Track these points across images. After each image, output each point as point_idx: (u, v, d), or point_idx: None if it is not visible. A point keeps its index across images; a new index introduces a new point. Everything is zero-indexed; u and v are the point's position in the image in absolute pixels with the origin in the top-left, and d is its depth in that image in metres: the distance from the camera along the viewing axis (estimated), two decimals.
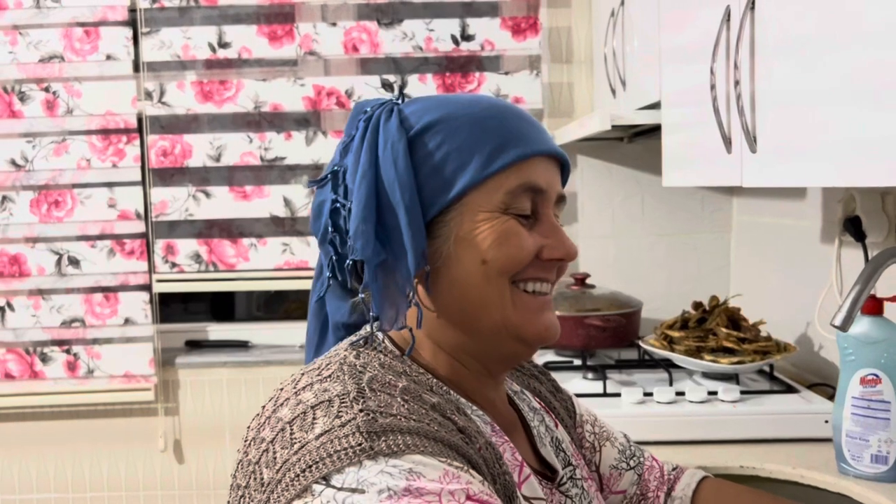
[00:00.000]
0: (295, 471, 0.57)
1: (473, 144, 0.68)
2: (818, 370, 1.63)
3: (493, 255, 0.68)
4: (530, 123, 0.72)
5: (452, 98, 0.72)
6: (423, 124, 0.69)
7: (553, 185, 0.72)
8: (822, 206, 1.62)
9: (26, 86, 2.10)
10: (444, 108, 0.70)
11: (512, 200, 0.69)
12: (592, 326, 1.79)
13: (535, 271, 0.70)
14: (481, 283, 0.68)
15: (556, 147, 0.73)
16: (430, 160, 0.68)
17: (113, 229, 2.14)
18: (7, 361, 2.15)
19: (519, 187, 0.69)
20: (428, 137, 0.69)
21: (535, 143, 0.70)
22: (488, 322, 0.69)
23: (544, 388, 0.89)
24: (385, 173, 0.67)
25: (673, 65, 1.43)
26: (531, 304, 0.70)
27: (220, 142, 2.13)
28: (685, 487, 0.90)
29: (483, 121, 0.69)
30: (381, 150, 0.68)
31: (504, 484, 0.64)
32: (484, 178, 0.68)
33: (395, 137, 0.68)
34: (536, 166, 0.70)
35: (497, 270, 0.68)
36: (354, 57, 2.12)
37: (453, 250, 0.68)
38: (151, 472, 2.21)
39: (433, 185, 0.68)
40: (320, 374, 0.66)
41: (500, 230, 0.68)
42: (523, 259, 0.69)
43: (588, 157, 2.15)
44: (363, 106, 0.73)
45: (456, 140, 0.68)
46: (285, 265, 2.17)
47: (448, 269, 0.69)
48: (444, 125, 0.69)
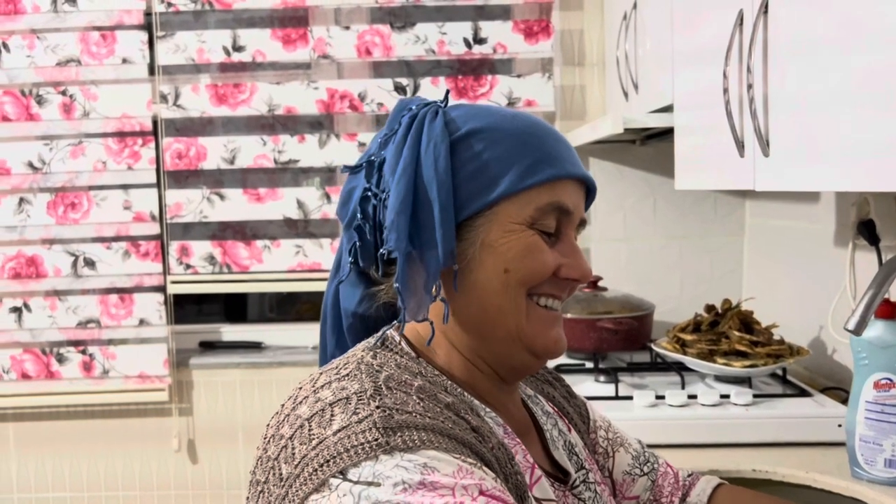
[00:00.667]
0: (313, 465, 0.59)
1: (513, 157, 0.71)
2: (831, 374, 1.63)
3: (515, 266, 0.70)
4: (566, 147, 0.75)
5: (496, 109, 0.75)
6: (467, 130, 0.72)
7: (578, 208, 0.75)
8: (836, 209, 1.62)
9: (43, 89, 2.13)
10: (488, 118, 0.73)
11: (540, 216, 0.71)
12: (604, 329, 1.79)
13: (550, 287, 0.73)
14: (500, 290, 0.70)
15: (586, 172, 0.76)
16: (470, 165, 0.71)
17: (128, 231, 2.16)
18: (24, 361, 2.17)
19: (549, 205, 0.71)
20: (470, 143, 0.71)
21: (569, 165, 0.73)
22: (502, 328, 0.71)
23: (558, 393, 0.89)
24: (425, 170, 0.70)
25: (685, 68, 1.43)
26: (544, 318, 0.73)
27: (235, 144, 2.15)
28: (700, 494, 0.90)
29: (524, 136, 0.72)
30: (424, 148, 0.71)
31: (515, 484, 0.65)
32: (518, 191, 0.70)
33: (439, 138, 0.71)
34: (567, 188, 0.73)
35: (517, 281, 0.70)
36: (367, 60, 2.13)
37: (478, 254, 0.71)
38: (165, 471, 2.22)
39: (469, 188, 0.70)
40: (338, 373, 0.67)
41: (526, 243, 0.71)
42: (543, 274, 0.71)
43: (600, 160, 2.15)
44: (408, 103, 0.75)
45: (497, 150, 0.71)
46: (298, 267, 2.18)
47: (471, 272, 0.71)
48: (487, 134, 0.72)
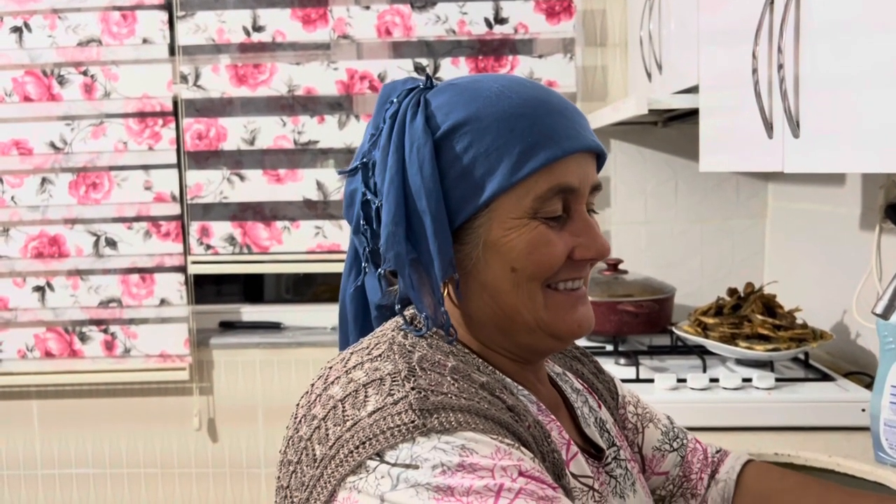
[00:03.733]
0: (349, 447, 0.58)
1: (501, 147, 0.65)
2: (854, 359, 1.61)
3: (522, 263, 0.67)
4: (562, 115, 0.68)
5: (482, 89, 0.68)
6: (450, 125, 0.67)
7: (587, 181, 0.70)
8: (862, 192, 1.60)
9: (65, 69, 2.13)
10: (471, 105, 0.67)
11: (541, 205, 0.67)
12: (625, 312, 1.79)
13: (567, 272, 0.69)
14: (511, 289, 0.68)
15: (590, 140, 0.69)
16: (457, 165, 0.66)
17: (149, 211, 2.17)
18: (47, 340, 2.20)
19: (549, 191, 0.67)
20: (454, 140, 0.66)
21: (567, 140, 0.67)
22: (521, 323, 0.69)
23: (587, 369, 0.89)
24: (412, 179, 0.66)
25: (712, 48, 1.41)
26: (564, 303, 0.70)
27: (255, 125, 2.15)
28: (729, 470, 0.89)
29: (511, 119, 0.66)
30: (408, 153, 0.66)
31: (553, 462, 0.64)
32: (512, 185, 0.66)
33: (421, 141, 0.66)
34: (568, 165, 0.67)
35: (527, 278, 0.67)
36: (387, 40, 2.12)
37: (483, 256, 0.67)
38: (186, 450, 2.25)
39: (461, 191, 0.66)
40: (370, 353, 0.67)
41: (530, 238, 0.66)
42: (553, 266, 0.67)
43: (621, 142, 2.13)
44: (391, 92, 0.71)
45: (483, 143, 0.66)
46: (317, 248, 2.18)
47: (479, 273, 0.68)
48: (470, 126, 0.66)
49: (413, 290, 0.68)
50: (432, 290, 0.67)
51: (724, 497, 0.88)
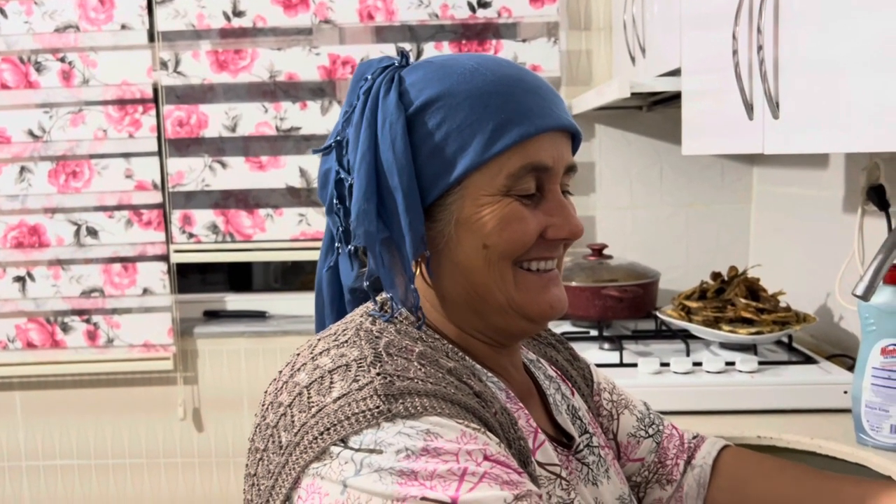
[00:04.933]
0: (313, 433, 0.58)
1: (474, 124, 0.65)
2: (837, 341, 1.62)
3: (494, 240, 0.66)
4: (536, 94, 0.68)
5: (456, 66, 0.68)
6: (423, 101, 0.66)
7: (560, 161, 0.69)
8: (845, 175, 1.59)
9: (42, 56, 2.10)
10: (445, 81, 0.67)
11: (514, 183, 0.66)
12: (609, 297, 1.78)
13: (539, 251, 0.69)
14: (483, 266, 0.67)
15: (564, 119, 0.69)
16: (430, 141, 0.65)
17: (130, 200, 2.15)
18: (29, 331, 2.18)
19: (522, 168, 0.66)
20: (427, 116, 0.66)
21: (540, 118, 0.66)
22: (493, 303, 0.68)
23: (561, 356, 0.88)
24: (384, 155, 0.65)
25: (694, 31, 1.40)
26: (535, 283, 0.69)
27: (236, 112, 2.12)
28: (705, 456, 0.89)
29: (485, 96, 0.66)
30: (380, 129, 0.66)
31: (519, 449, 0.64)
32: (485, 161, 0.65)
33: (394, 117, 0.65)
34: (541, 143, 0.67)
35: (499, 255, 0.67)
36: (370, 25, 2.10)
37: (455, 233, 0.67)
38: (171, 439, 2.24)
39: (433, 167, 0.66)
40: (337, 339, 0.66)
41: (502, 215, 0.66)
42: (526, 243, 0.67)
43: (606, 127, 2.12)
44: (366, 69, 0.70)
45: (456, 119, 0.65)
46: (301, 236, 2.17)
47: (450, 252, 0.68)
48: (443, 102, 0.66)
49: (383, 269, 0.67)
50: (403, 268, 0.67)
51: (700, 482, 0.87)
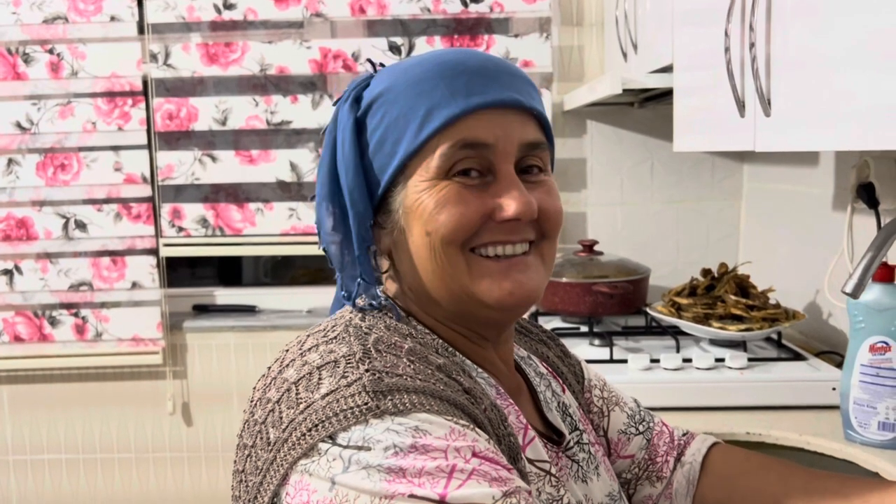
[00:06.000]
0: (301, 430, 0.57)
1: (408, 113, 0.65)
2: (826, 338, 1.62)
3: (433, 225, 0.65)
4: (477, 74, 0.66)
5: (406, 63, 0.69)
6: (368, 101, 0.68)
7: (508, 138, 0.65)
8: (835, 172, 1.60)
9: (30, 47, 2.08)
10: (389, 78, 0.68)
11: (447, 163, 0.65)
12: (600, 293, 1.78)
13: (491, 235, 0.66)
14: (429, 254, 0.66)
15: (506, 95, 0.66)
16: (374, 137, 0.67)
17: (119, 193, 2.13)
18: (16, 324, 2.16)
19: (451, 147, 0.64)
20: (371, 114, 0.68)
21: (476, 96, 0.65)
22: (446, 290, 0.67)
23: (552, 353, 0.88)
24: (339, 156, 0.68)
25: (686, 27, 1.40)
26: (491, 269, 0.66)
27: (226, 105, 2.11)
28: (695, 453, 0.89)
29: (419, 84, 0.65)
30: (339, 133, 0.69)
31: (508, 445, 0.64)
32: (418, 147, 0.65)
33: (346, 120, 0.68)
34: (477, 121, 0.65)
35: (440, 240, 0.65)
36: (361, 19, 2.09)
37: (405, 223, 0.67)
38: (160, 434, 2.23)
39: (378, 161, 0.67)
40: (326, 335, 0.66)
41: (438, 198, 0.65)
42: (466, 225, 0.65)
43: (598, 123, 2.12)
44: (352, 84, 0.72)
45: (393, 111, 0.66)
46: (292, 230, 2.16)
47: (405, 242, 0.68)
48: (384, 98, 0.67)
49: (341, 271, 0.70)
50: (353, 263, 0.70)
51: (690, 479, 0.87)
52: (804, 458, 1.24)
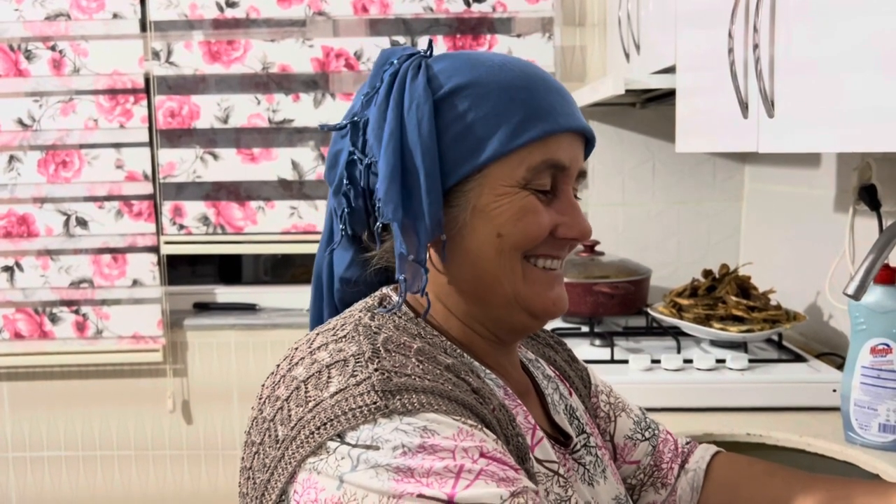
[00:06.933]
0: (310, 428, 0.57)
1: (500, 114, 0.66)
2: (827, 340, 1.63)
3: (509, 230, 0.67)
4: (561, 97, 0.69)
5: (483, 59, 0.69)
6: (451, 87, 0.67)
7: (575, 162, 0.70)
8: (837, 174, 1.60)
9: (32, 44, 2.08)
10: (473, 71, 0.67)
11: (533, 176, 0.67)
12: (601, 293, 1.79)
13: (547, 248, 0.69)
14: (494, 256, 0.67)
15: (583, 123, 0.70)
16: (456, 126, 0.66)
17: (121, 190, 2.13)
18: (17, 321, 2.16)
19: (542, 163, 0.67)
20: (455, 101, 0.66)
21: (564, 117, 0.68)
22: (499, 294, 0.69)
23: (559, 357, 0.88)
24: (409, 135, 0.66)
25: (689, 28, 1.40)
26: (541, 279, 0.70)
27: (228, 103, 2.11)
28: (699, 460, 0.90)
29: (512, 89, 0.67)
30: (407, 109, 0.66)
31: (517, 445, 0.64)
32: (508, 152, 0.66)
33: (422, 99, 0.66)
34: (561, 142, 0.68)
35: (511, 245, 0.67)
36: (364, 17, 2.09)
37: (470, 220, 0.67)
38: (160, 432, 2.23)
39: (456, 152, 0.66)
40: (335, 334, 0.66)
41: (519, 206, 0.67)
42: (539, 236, 0.68)
43: (600, 123, 2.13)
44: (389, 56, 0.70)
45: (483, 108, 0.66)
46: (293, 228, 2.16)
47: (463, 239, 0.68)
48: (472, 90, 0.67)
49: (402, 248, 0.67)
50: (417, 251, 0.67)
51: (694, 486, 0.88)
52: (804, 460, 1.24)
